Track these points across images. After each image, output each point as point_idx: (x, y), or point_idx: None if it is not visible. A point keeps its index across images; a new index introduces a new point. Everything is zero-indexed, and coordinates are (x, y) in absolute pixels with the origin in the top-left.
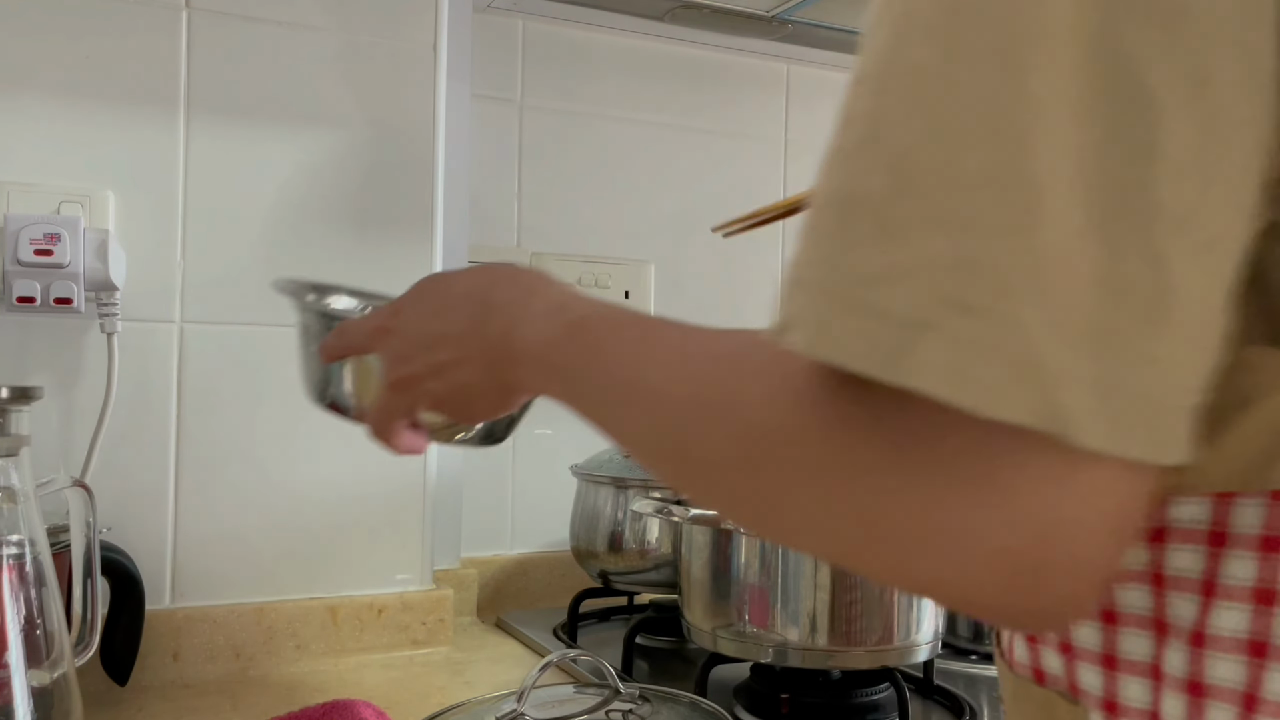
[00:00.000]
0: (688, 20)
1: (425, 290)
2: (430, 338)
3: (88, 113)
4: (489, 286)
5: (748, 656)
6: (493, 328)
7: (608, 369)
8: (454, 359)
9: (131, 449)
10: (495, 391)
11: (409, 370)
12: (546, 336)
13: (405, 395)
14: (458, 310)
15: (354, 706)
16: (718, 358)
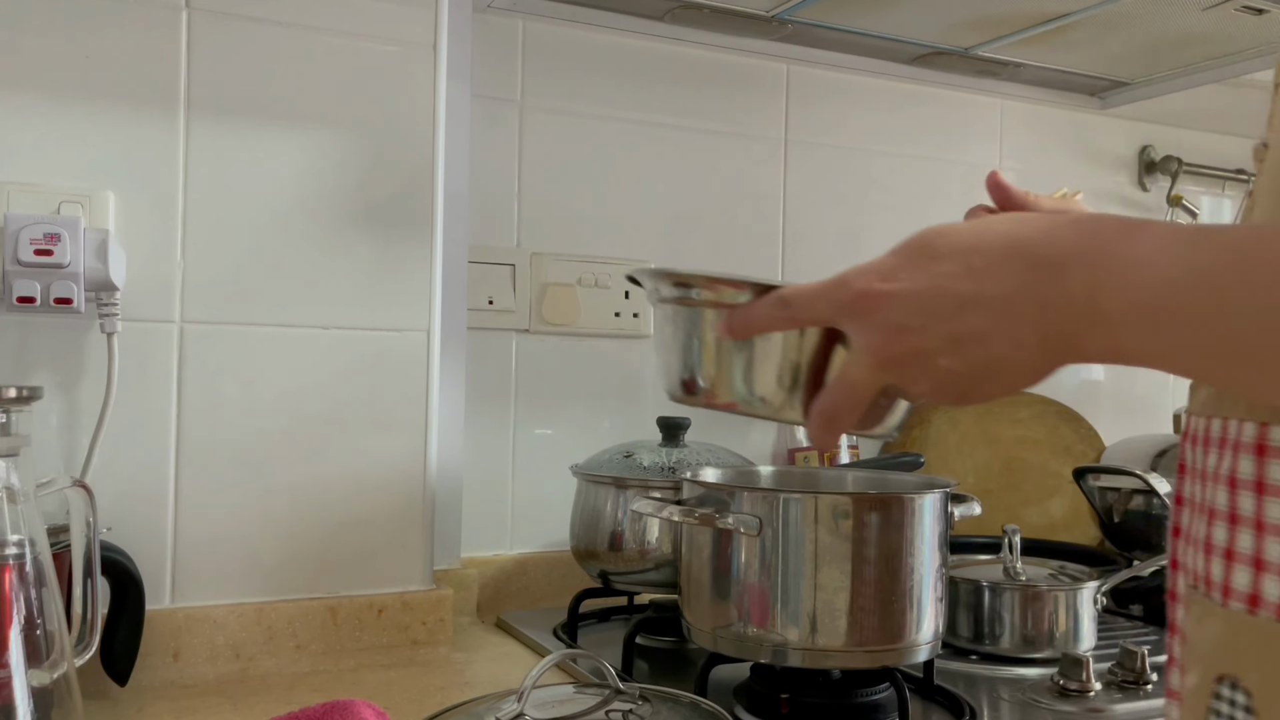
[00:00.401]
0: (688, 20)
1: (932, 247)
2: (956, 301)
3: (88, 113)
4: (1042, 235)
5: (748, 656)
6: (1065, 283)
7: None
8: (989, 327)
9: (131, 449)
10: (1033, 365)
11: (911, 344)
12: (1174, 276)
13: (896, 374)
14: (999, 268)
15: (354, 706)
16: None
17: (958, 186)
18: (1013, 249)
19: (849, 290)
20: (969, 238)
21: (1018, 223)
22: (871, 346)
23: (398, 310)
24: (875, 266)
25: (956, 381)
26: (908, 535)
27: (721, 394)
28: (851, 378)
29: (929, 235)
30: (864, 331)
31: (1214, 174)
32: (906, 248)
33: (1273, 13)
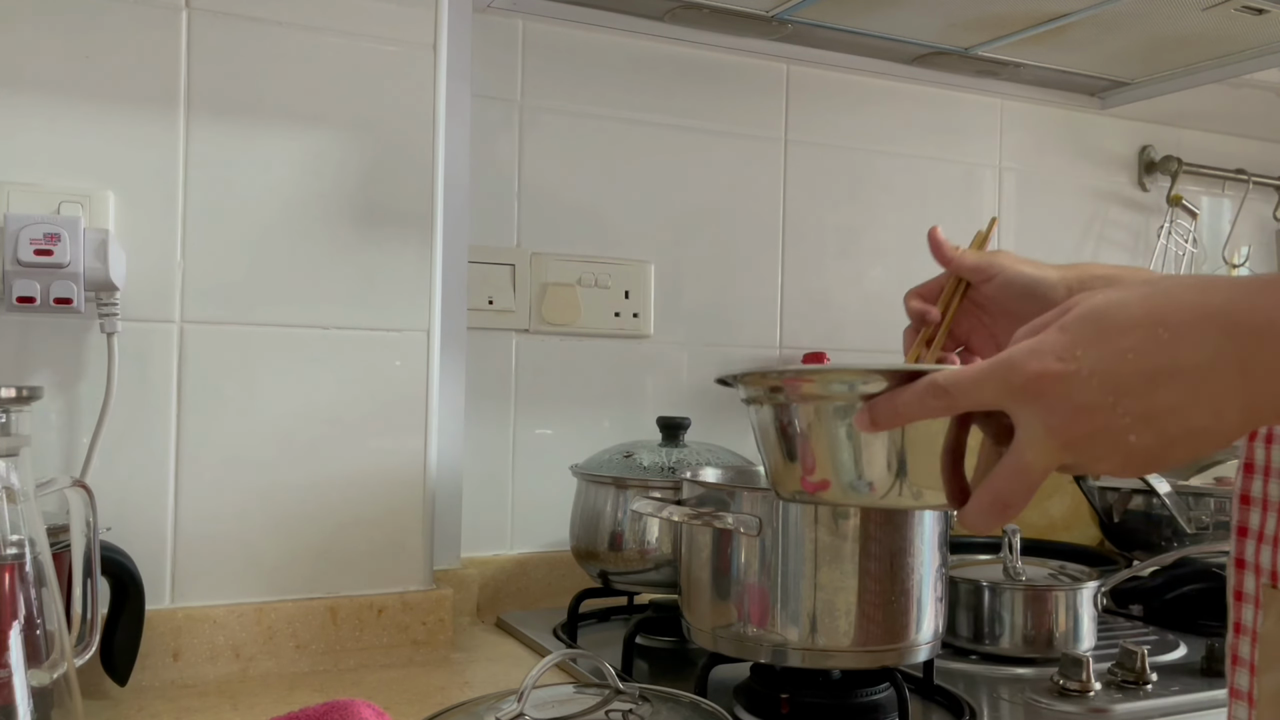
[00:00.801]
0: (688, 20)
1: (1109, 320)
2: (1146, 376)
3: (88, 113)
4: (1236, 302)
5: (748, 656)
6: (1275, 348)
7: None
8: (1187, 399)
9: (131, 449)
10: (1229, 432)
11: (1098, 423)
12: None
13: (1079, 455)
14: (1192, 338)
15: (354, 706)
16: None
17: (958, 186)
18: (1205, 317)
19: (1023, 373)
20: (1149, 307)
21: (1200, 290)
22: (1053, 429)
23: (398, 310)
24: (1048, 346)
25: (1146, 455)
26: (908, 535)
27: (854, 492)
28: (1028, 462)
29: (1100, 307)
30: (1044, 414)
31: (1214, 174)
32: (1078, 322)
33: (1273, 13)
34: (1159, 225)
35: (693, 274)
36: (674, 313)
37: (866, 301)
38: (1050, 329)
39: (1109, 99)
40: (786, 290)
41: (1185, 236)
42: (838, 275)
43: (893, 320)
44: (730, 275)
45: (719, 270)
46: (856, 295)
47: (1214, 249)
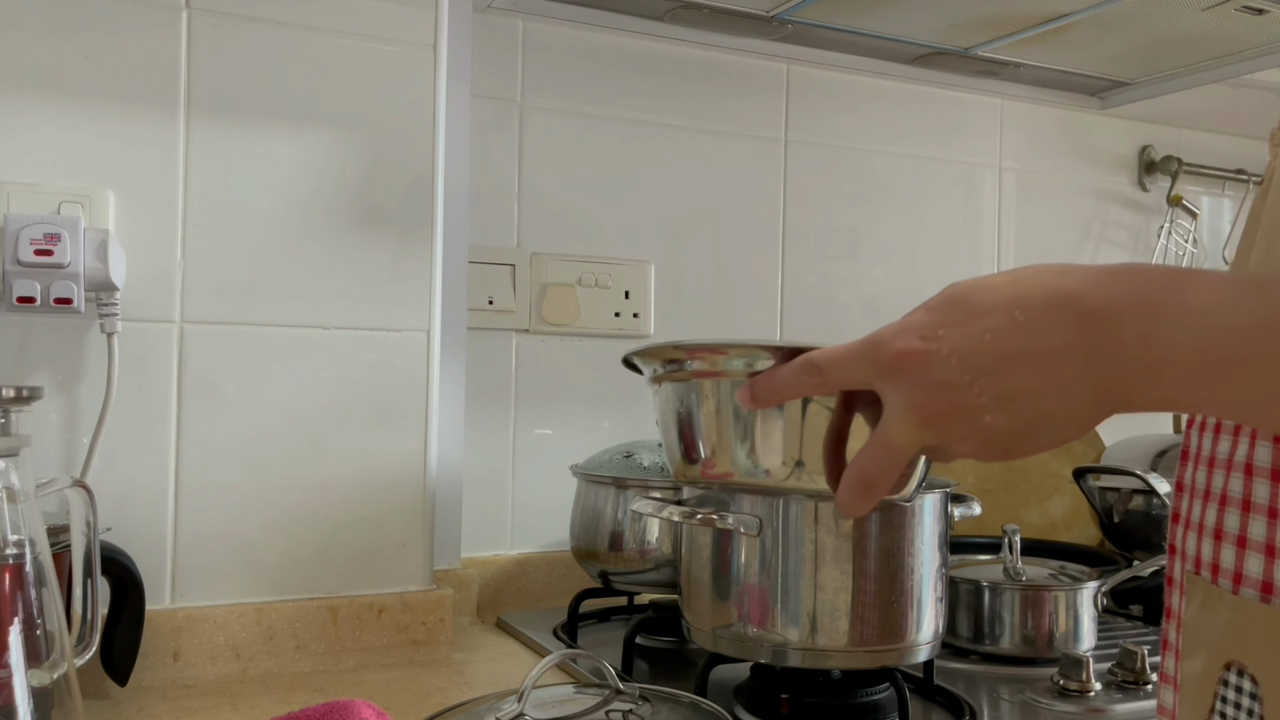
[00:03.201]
0: (688, 20)
1: (972, 302)
2: (1001, 357)
3: (88, 113)
4: (1087, 288)
5: (748, 656)
6: (1116, 335)
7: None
8: (1038, 382)
9: (131, 449)
10: (1082, 419)
11: (956, 401)
12: (1234, 324)
13: (939, 434)
14: (1045, 322)
15: (354, 706)
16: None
17: (958, 186)
18: (1059, 301)
19: (888, 350)
20: (1011, 291)
21: (1059, 275)
22: (914, 406)
23: (398, 310)
24: (913, 324)
25: (1003, 438)
26: (908, 535)
27: (741, 468)
28: (891, 439)
29: (966, 289)
30: (904, 391)
31: (1214, 174)
32: (943, 303)
33: (1273, 13)
34: (1159, 225)
35: (693, 274)
36: (674, 313)
37: (866, 301)
38: (918, 310)
39: (1109, 99)
40: (786, 290)
41: (1185, 236)
42: (838, 275)
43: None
44: (730, 275)
45: (719, 270)
46: (856, 295)
47: (1214, 249)
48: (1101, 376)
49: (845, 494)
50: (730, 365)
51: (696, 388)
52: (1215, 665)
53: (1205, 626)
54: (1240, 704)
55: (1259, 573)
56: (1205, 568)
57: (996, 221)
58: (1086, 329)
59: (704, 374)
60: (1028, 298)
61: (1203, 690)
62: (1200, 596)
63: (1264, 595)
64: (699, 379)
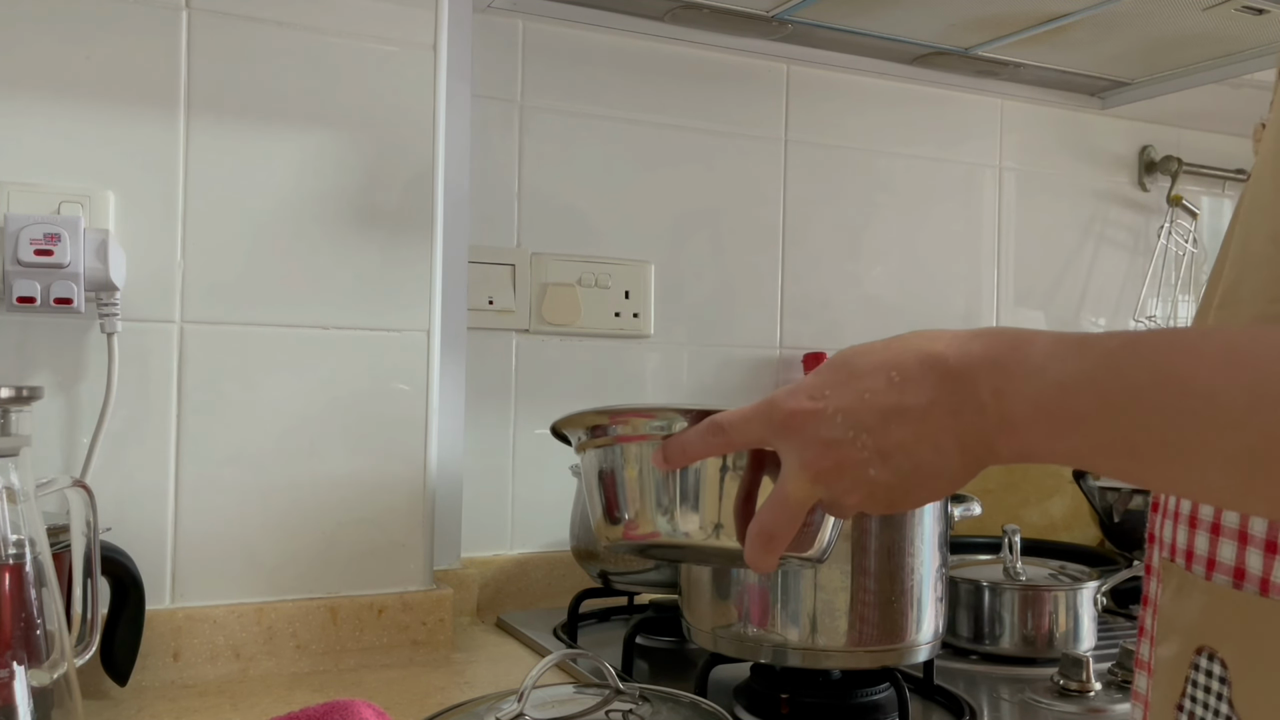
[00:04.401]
0: (688, 20)
1: (854, 365)
2: (880, 414)
3: (88, 113)
4: (952, 349)
5: (748, 656)
6: (974, 391)
7: (1190, 382)
8: (913, 436)
9: (131, 449)
10: (956, 471)
11: (842, 456)
12: (1064, 380)
13: (830, 488)
14: (918, 380)
15: (354, 706)
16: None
17: (958, 186)
18: (926, 362)
19: (780, 410)
20: (886, 355)
21: (930, 339)
22: (805, 462)
23: (398, 310)
24: (802, 387)
25: (887, 491)
26: (908, 535)
27: (658, 528)
28: (787, 493)
29: (849, 355)
30: (797, 449)
31: (1214, 174)
32: (829, 368)
33: (1273, 13)
34: (1159, 225)
35: (693, 274)
36: (674, 313)
37: (866, 301)
38: (809, 374)
39: (1109, 99)
40: (786, 290)
41: (1185, 236)
42: (838, 275)
43: (893, 320)
44: (730, 275)
45: (719, 270)
46: (856, 295)
47: (1214, 249)
48: (965, 430)
49: (749, 547)
50: (647, 429)
51: (619, 451)
52: (1187, 650)
53: (1179, 612)
54: (1210, 687)
55: (1231, 559)
56: (1180, 554)
57: (996, 221)
58: (950, 387)
59: (624, 439)
60: (902, 360)
61: (1175, 674)
62: (1175, 583)
63: (1236, 581)
64: (620, 443)
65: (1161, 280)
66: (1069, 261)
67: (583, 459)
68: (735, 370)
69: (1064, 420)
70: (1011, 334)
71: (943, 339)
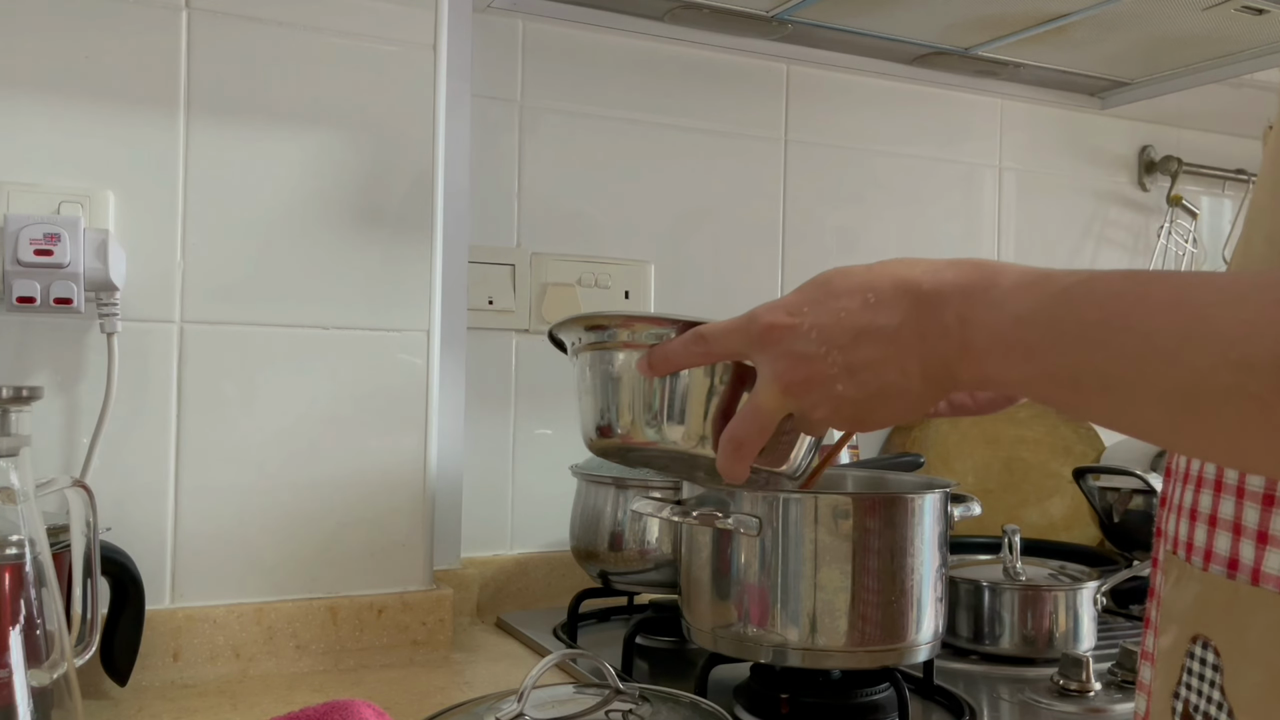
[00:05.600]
0: (688, 20)
1: (833, 285)
2: (852, 333)
3: (88, 113)
4: (926, 276)
5: (748, 656)
6: (942, 316)
7: (1134, 321)
8: (880, 356)
9: (131, 449)
10: (919, 393)
11: (812, 371)
12: (1022, 312)
13: (799, 400)
14: (891, 303)
15: (354, 706)
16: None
17: (958, 186)
18: (901, 286)
19: (758, 323)
20: (864, 277)
21: (907, 265)
22: (777, 374)
23: (398, 310)
24: (782, 303)
25: (853, 407)
26: (908, 535)
27: (640, 432)
28: (758, 403)
29: (830, 274)
30: (771, 360)
31: (1214, 174)
32: (810, 285)
33: (1273, 13)
34: (1159, 225)
35: (693, 274)
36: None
37: None
38: (792, 291)
39: (1109, 99)
40: (786, 290)
41: (1185, 236)
42: None
43: None
44: (730, 275)
45: (719, 270)
46: None
47: (1214, 249)
48: (930, 353)
49: (720, 453)
50: (644, 336)
51: (612, 357)
52: (1184, 639)
53: (1177, 602)
54: (1204, 675)
55: (1227, 550)
56: (1181, 546)
57: (996, 221)
58: (920, 310)
59: (618, 345)
60: (878, 283)
61: (1172, 663)
62: (1175, 574)
63: (1229, 571)
64: (613, 349)
65: None
66: (1069, 261)
67: (576, 363)
68: None
69: (1018, 350)
70: (984, 265)
71: (920, 265)
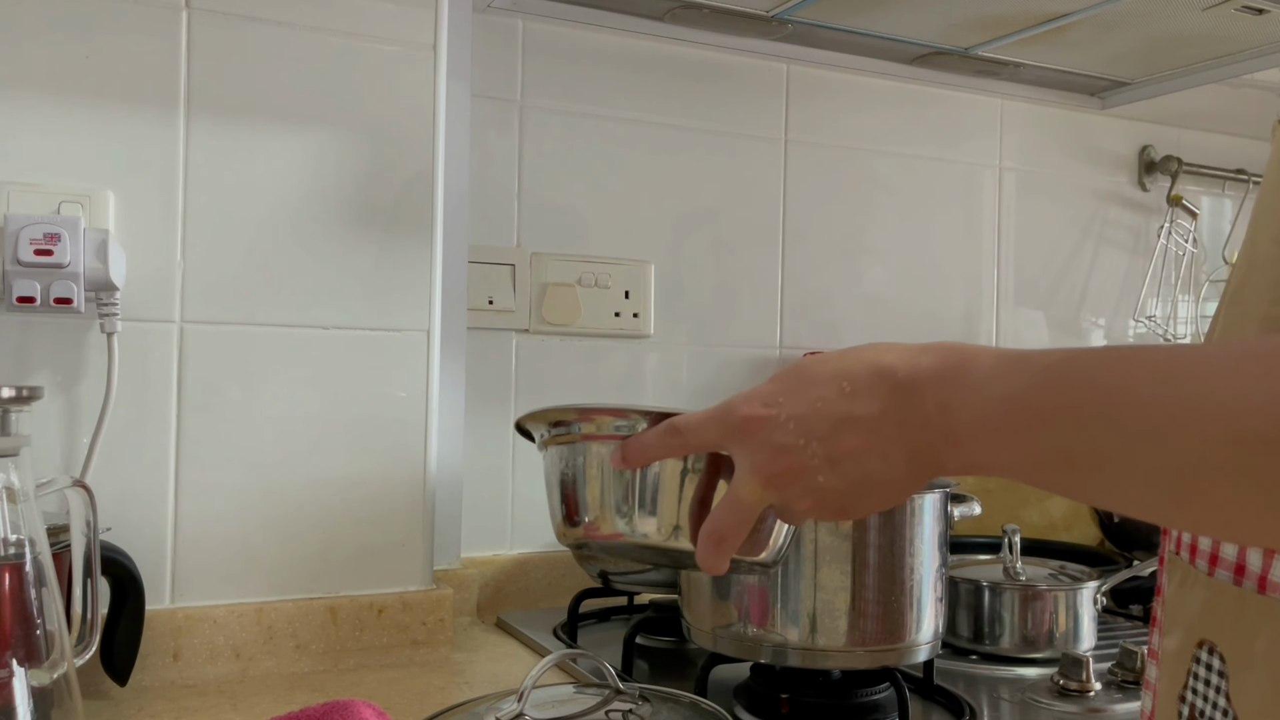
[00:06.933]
0: (688, 20)
1: (808, 373)
2: (831, 422)
3: (88, 113)
4: (902, 362)
5: (748, 656)
6: (921, 403)
7: (1122, 399)
8: (862, 445)
9: (131, 449)
10: (904, 480)
11: (793, 462)
12: (1005, 394)
13: (780, 492)
14: (868, 391)
15: (354, 706)
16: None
17: (958, 186)
18: (877, 373)
19: (735, 415)
20: (840, 365)
21: (882, 350)
22: (756, 466)
23: (398, 310)
24: (757, 393)
25: (836, 498)
26: (908, 535)
27: (610, 525)
28: (738, 496)
29: (805, 363)
30: (750, 453)
31: (1214, 174)
32: (785, 375)
33: (1273, 13)
34: (1159, 225)
35: (693, 274)
36: (674, 313)
37: (866, 301)
38: (767, 381)
39: (1109, 99)
40: (786, 290)
41: (1185, 236)
42: (838, 275)
43: (892, 320)
44: (730, 275)
45: (719, 270)
46: (856, 295)
47: (1214, 249)
48: (913, 440)
49: (700, 547)
50: (610, 428)
51: (581, 450)
52: (1189, 643)
53: (1182, 605)
54: (1210, 680)
55: (1233, 556)
56: (1185, 549)
57: (996, 221)
58: (899, 398)
59: (587, 437)
60: (854, 370)
61: (1178, 666)
62: (1179, 576)
63: (1236, 577)
64: (582, 441)
65: (1161, 280)
66: (1069, 261)
67: (545, 456)
68: (735, 370)
69: (1004, 433)
70: (960, 350)
71: (894, 351)
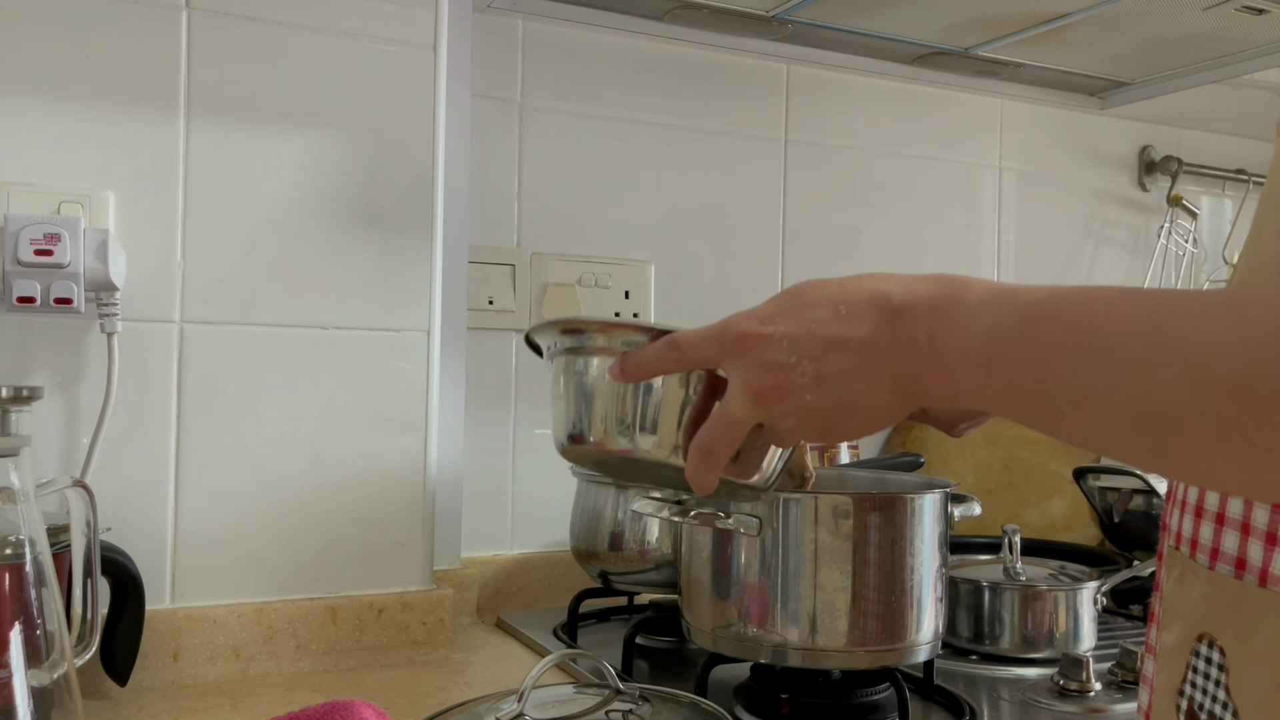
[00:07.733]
0: (688, 20)
1: (806, 295)
2: (823, 343)
3: (88, 113)
4: (898, 289)
5: (748, 656)
6: (911, 330)
7: (1101, 338)
8: (850, 367)
9: (131, 449)
10: (887, 405)
11: (782, 379)
12: (991, 326)
13: (768, 409)
14: (863, 315)
15: (354, 706)
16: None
17: (958, 186)
18: (873, 298)
19: (731, 331)
20: (837, 288)
21: (880, 278)
22: (747, 382)
23: (398, 310)
24: (755, 312)
25: (821, 418)
26: (908, 535)
27: (611, 440)
28: (729, 412)
29: (804, 285)
30: (742, 369)
31: (1214, 174)
32: (784, 295)
33: (1273, 13)
34: (1159, 225)
35: (693, 274)
36: (674, 313)
37: None
38: (766, 301)
39: (1109, 99)
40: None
41: (1185, 236)
42: (838, 275)
43: None
44: (730, 275)
45: (719, 270)
46: None
47: (1214, 249)
48: (900, 366)
49: (689, 461)
50: (619, 342)
51: (587, 361)
52: (1189, 636)
53: (1182, 599)
54: (1209, 674)
55: (1234, 549)
56: (1185, 543)
57: (996, 221)
58: (891, 323)
59: (593, 350)
60: (851, 294)
61: (1177, 660)
62: (1178, 570)
63: (1237, 571)
64: (588, 355)
65: (1161, 280)
66: (1069, 261)
67: (552, 366)
68: None
69: (986, 365)
70: (954, 281)
71: (892, 279)
